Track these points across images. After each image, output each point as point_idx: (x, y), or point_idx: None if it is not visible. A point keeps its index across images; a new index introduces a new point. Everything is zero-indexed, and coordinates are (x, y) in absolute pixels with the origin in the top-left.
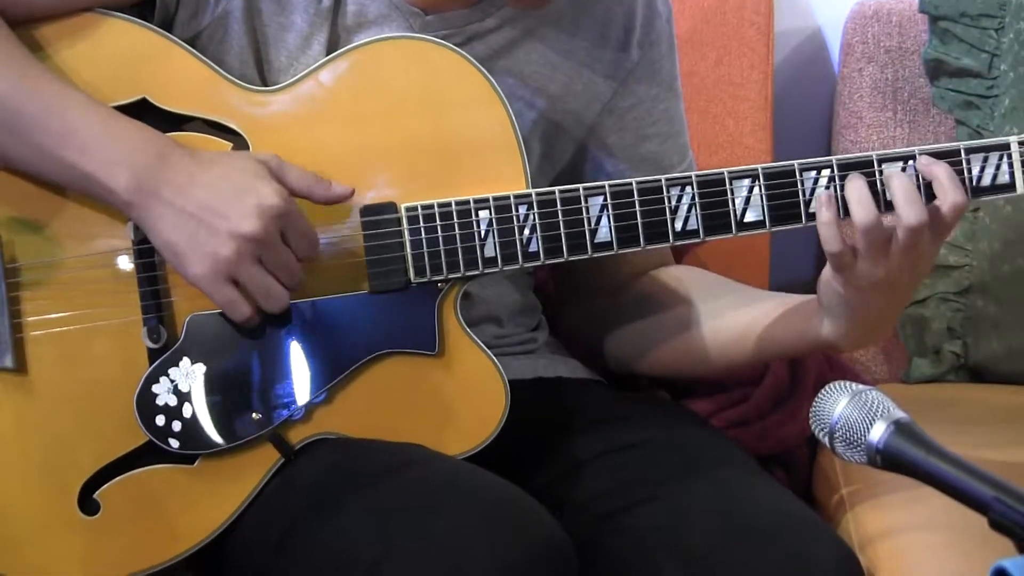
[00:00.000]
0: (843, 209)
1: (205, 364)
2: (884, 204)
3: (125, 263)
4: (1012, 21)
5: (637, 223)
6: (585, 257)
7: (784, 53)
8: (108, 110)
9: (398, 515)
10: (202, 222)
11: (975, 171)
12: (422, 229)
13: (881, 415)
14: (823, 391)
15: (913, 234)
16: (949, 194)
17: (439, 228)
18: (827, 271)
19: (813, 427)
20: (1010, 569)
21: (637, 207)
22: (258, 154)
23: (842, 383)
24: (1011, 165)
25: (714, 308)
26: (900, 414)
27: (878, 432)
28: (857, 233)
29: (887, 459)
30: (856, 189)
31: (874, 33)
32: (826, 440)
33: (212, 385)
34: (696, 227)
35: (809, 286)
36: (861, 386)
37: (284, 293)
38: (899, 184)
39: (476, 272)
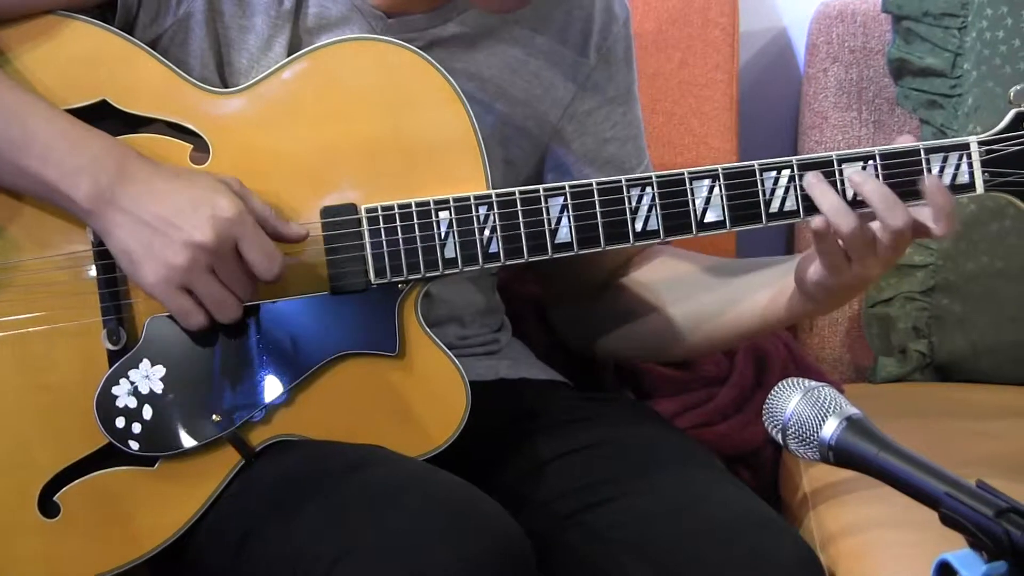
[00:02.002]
0: (803, 209)
1: (165, 366)
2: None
3: (85, 265)
4: (975, 20)
5: (597, 223)
6: (546, 258)
7: (749, 54)
8: (69, 118)
9: (356, 515)
10: (157, 231)
11: (935, 170)
12: (382, 230)
13: (833, 411)
14: (776, 388)
15: (898, 236)
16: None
17: (399, 229)
18: (818, 272)
19: (766, 424)
20: (952, 562)
21: (597, 207)
22: (221, 175)
23: (795, 380)
24: (971, 165)
25: (699, 299)
26: (852, 410)
27: (830, 428)
28: (843, 241)
29: (839, 455)
30: (829, 200)
31: (839, 33)
32: (779, 437)
33: (172, 387)
34: (656, 227)
35: None
36: (813, 383)
37: (237, 304)
38: (873, 190)
39: (436, 273)
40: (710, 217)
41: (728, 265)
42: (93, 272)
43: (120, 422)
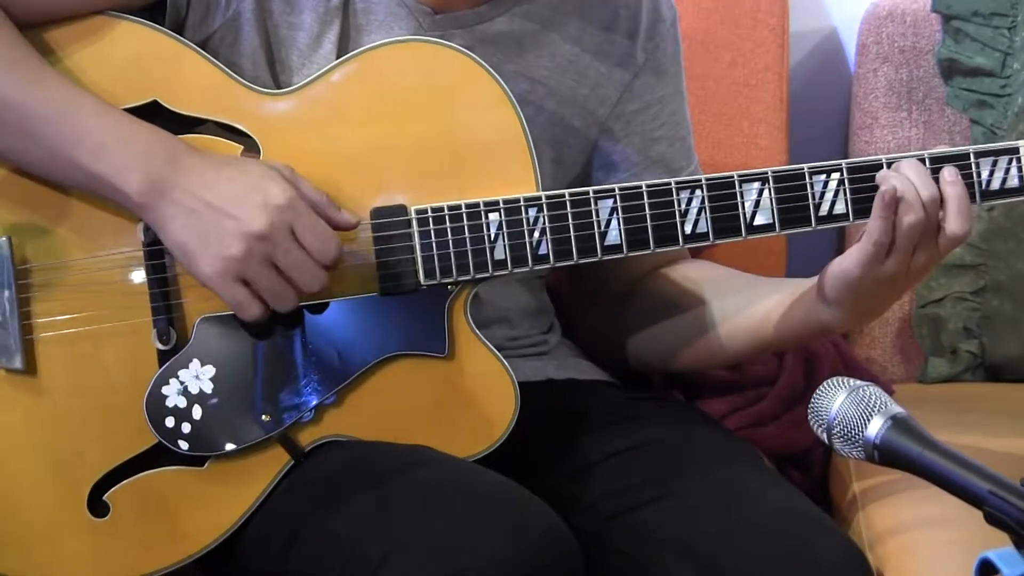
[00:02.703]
0: (852, 212)
1: (215, 366)
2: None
3: (135, 265)
4: None
5: (647, 226)
6: (595, 260)
7: (799, 54)
8: (119, 113)
9: (403, 515)
10: (211, 222)
11: (984, 175)
12: (432, 231)
13: (878, 410)
14: (821, 387)
15: (953, 243)
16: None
17: (449, 230)
18: (844, 264)
19: (812, 423)
20: (995, 560)
21: (647, 210)
22: (271, 161)
23: (840, 379)
24: (1020, 169)
25: (726, 305)
26: (897, 409)
27: (875, 428)
28: (904, 228)
29: (884, 454)
30: (906, 188)
31: (888, 33)
32: (824, 436)
33: (222, 387)
34: (706, 230)
35: None
36: (859, 382)
37: (293, 294)
38: (955, 194)
39: (486, 274)
40: (759, 220)
41: (754, 277)
42: (143, 272)
43: (170, 422)
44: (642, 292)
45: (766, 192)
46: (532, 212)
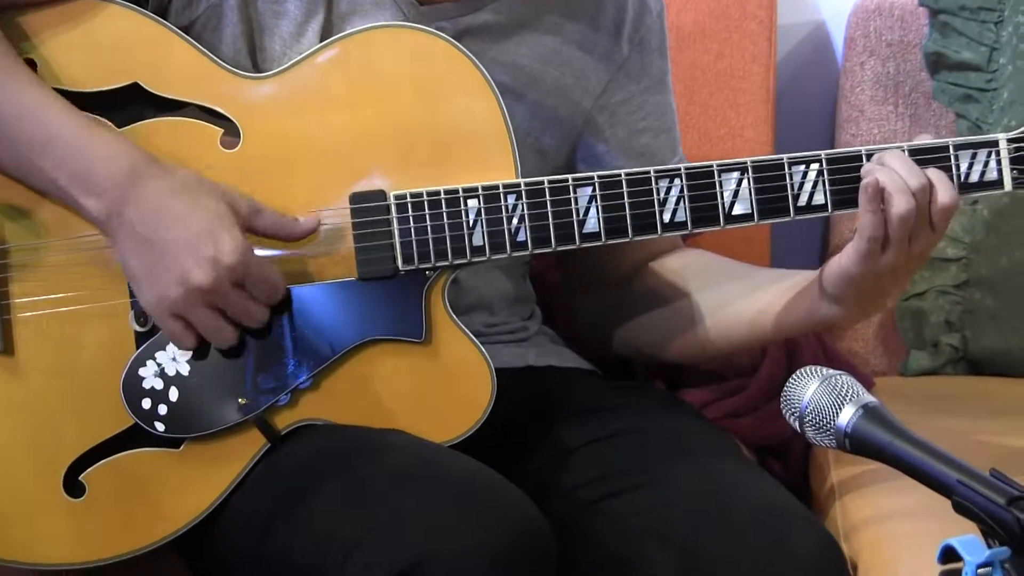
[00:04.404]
0: (832, 203)
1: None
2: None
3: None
4: (1011, 15)
5: (625, 214)
6: (573, 247)
7: (787, 47)
8: (86, 120)
9: (378, 498)
10: (158, 258)
11: (963, 167)
12: (411, 217)
13: (850, 399)
14: (794, 376)
15: (947, 214)
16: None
17: (428, 216)
18: (842, 262)
19: (784, 411)
20: (957, 546)
21: (626, 198)
22: (232, 195)
23: (813, 368)
24: (999, 162)
25: (721, 295)
26: (869, 398)
27: (847, 416)
28: (895, 220)
29: (855, 443)
30: (891, 180)
31: (876, 27)
32: (796, 424)
33: (199, 369)
34: (684, 219)
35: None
36: (831, 371)
37: (233, 333)
38: (936, 173)
39: (464, 261)
40: (738, 210)
41: (751, 267)
42: None
43: (146, 403)
44: (636, 281)
45: (745, 182)
46: (511, 199)
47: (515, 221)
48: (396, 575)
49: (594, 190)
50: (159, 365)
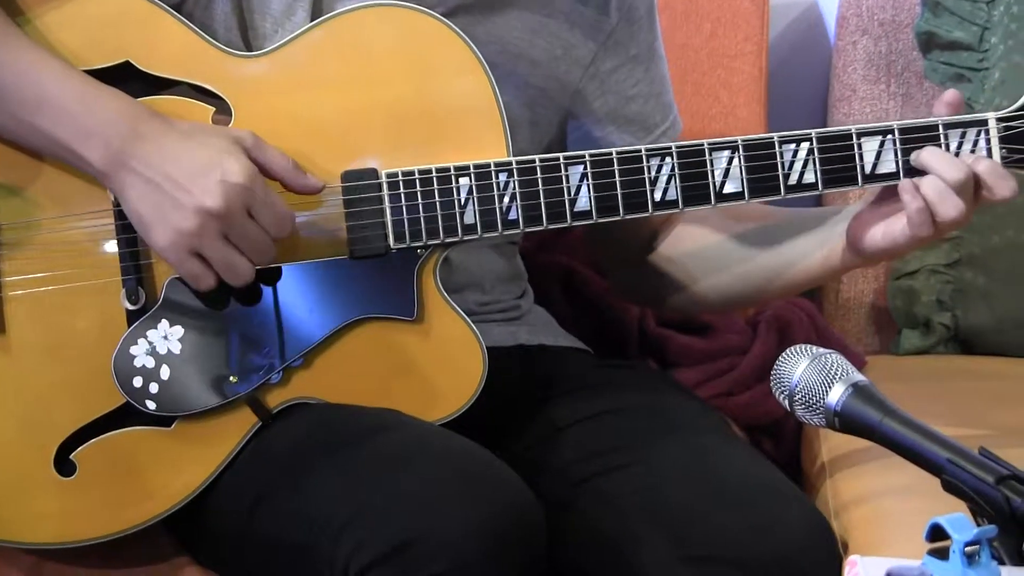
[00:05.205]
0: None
1: (183, 327)
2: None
3: (105, 225)
4: None
5: (616, 193)
6: (564, 225)
7: (780, 26)
8: (84, 78)
9: (369, 477)
10: (167, 194)
11: (953, 146)
12: (402, 195)
13: (840, 378)
14: (784, 354)
15: (1001, 203)
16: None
17: (419, 195)
18: (893, 237)
19: (774, 390)
20: (944, 524)
21: (617, 176)
22: (235, 131)
23: (803, 346)
24: (988, 141)
25: (750, 250)
26: (859, 377)
27: (836, 395)
28: (943, 222)
29: (845, 421)
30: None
31: (868, 6)
32: (786, 403)
33: (190, 347)
34: (675, 197)
35: None
36: (822, 349)
37: (248, 268)
38: (985, 168)
39: (455, 239)
40: (729, 188)
41: (778, 215)
42: (113, 231)
43: (138, 382)
44: (659, 243)
45: (736, 160)
46: (503, 177)
47: (506, 199)
48: (387, 553)
49: (585, 168)
50: (150, 343)
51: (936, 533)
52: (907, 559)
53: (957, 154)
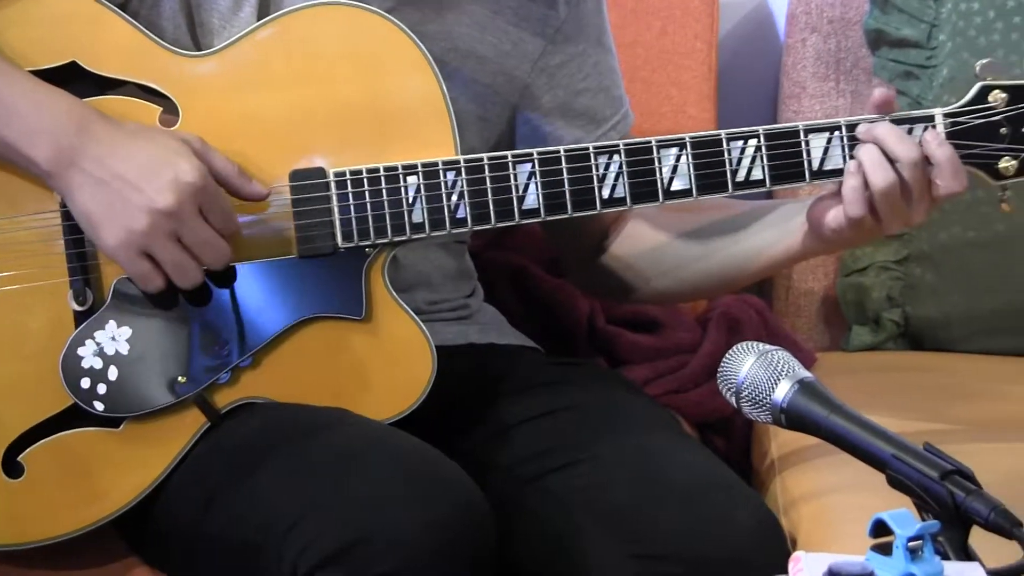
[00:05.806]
0: (769, 179)
1: (131, 327)
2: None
3: (52, 225)
4: None
5: (564, 190)
6: (512, 224)
7: (729, 23)
8: (31, 79)
9: (318, 476)
10: (118, 193)
11: None
12: (350, 194)
13: (786, 374)
14: (730, 351)
15: (952, 198)
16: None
17: (367, 194)
18: (840, 224)
19: (721, 387)
20: (887, 520)
21: (565, 174)
22: (182, 133)
23: (750, 343)
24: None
25: (709, 242)
26: (804, 374)
27: (782, 391)
28: (878, 196)
29: (791, 418)
30: (869, 154)
31: (817, 4)
32: (733, 400)
33: (138, 348)
34: (623, 195)
35: None
36: (768, 346)
37: (197, 269)
38: (944, 156)
39: (404, 237)
40: (677, 185)
41: (736, 206)
42: (60, 232)
43: (85, 383)
44: (612, 237)
45: (684, 157)
46: (450, 176)
47: (455, 198)
48: (335, 553)
49: (533, 166)
50: (98, 344)
51: (880, 529)
52: (853, 555)
53: None
